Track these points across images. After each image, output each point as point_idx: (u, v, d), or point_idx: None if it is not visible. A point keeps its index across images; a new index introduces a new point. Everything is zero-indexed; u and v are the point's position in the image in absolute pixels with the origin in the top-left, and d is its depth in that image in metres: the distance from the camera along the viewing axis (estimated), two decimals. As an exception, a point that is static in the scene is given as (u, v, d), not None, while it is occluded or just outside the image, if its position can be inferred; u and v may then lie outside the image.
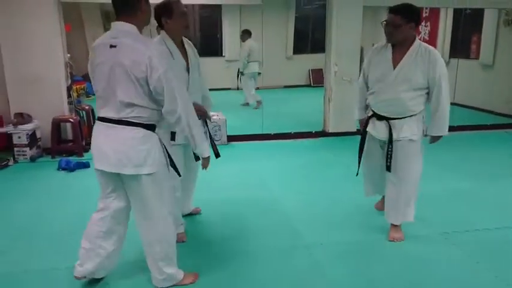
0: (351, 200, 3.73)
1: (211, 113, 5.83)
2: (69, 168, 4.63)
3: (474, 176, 4.47)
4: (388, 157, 2.96)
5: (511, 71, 7.35)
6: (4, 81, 5.02)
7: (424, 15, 9.25)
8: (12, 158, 4.88)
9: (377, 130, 3.00)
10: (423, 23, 9.27)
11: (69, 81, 5.47)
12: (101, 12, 9.66)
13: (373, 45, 3.04)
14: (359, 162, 3.21)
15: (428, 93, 2.89)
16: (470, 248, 2.96)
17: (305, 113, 7.37)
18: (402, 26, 2.79)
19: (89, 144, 5.41)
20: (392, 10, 2.83)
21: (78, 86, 6.66)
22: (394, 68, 2.85)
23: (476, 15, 7.97)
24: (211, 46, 10.92)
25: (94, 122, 5.79)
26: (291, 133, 6.12)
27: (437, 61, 2.80)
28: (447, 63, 8.73)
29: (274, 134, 6.05)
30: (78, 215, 3.47)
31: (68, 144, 5.28)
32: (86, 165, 4.72)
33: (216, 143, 5.63)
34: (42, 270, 2.69)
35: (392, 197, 3.05)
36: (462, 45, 8.39)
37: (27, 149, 4.91)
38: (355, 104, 3.26)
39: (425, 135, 3.01)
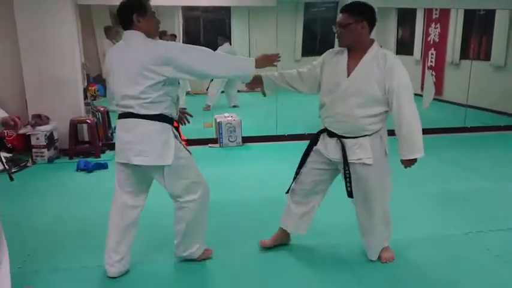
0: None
1: (225, 114, 5.91)
2: (87, 169, 4.65)
3: (494, 176, 4.47)
4: (347, 181, 2.55)
5: (523, 72, 7.34)
6: (22, 82, 5.06)
7: (434, 16, 9.25)
8: (30, 159, 4.90)
9: (328, 149, 2.57)
10: (433, 25, 9.28)
11: (86, 83, 5.51)
12: (111, 15, 9.71)
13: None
14: (294, 178, 2.77)
15: (387, 111, 2.46)
16: (497, 248, 2.95)
17: (317, 115, 7.34)
18: (351, 25, 2.40)
19: (105, 145, 5.45)
20: (341, 9, 2.47)
21: (91, 88, 6.69)
22: (348, 76, 2.46)
23: (488, 17, 7.97)
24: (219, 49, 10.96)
25: (109, 124, 5.90)
26: (304, 134, 6.11)
27: (395, 68, 2.36)
28: (458, 65, 8.75)
29: (288, 135, 6.05)
30: (101, 214, 3.49)
31: (85, 145, 5.31)
32: (104, 166, 4.74)
33: (232, 144, 5.76)
34: (72, 269, 2.71)
35: (365, 229, 2.74)
36: (473, 47, 8.39)
37: (45, 150, 4.93)
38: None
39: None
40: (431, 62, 9.34)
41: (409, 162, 2.47)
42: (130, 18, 2.36)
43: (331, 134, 2.56)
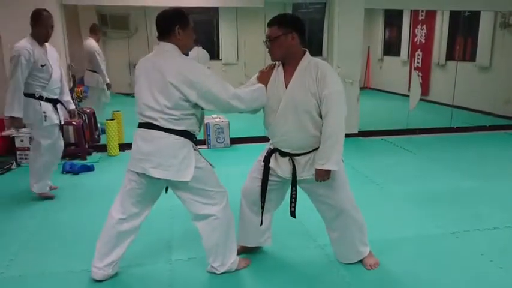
0: (358, 200, 3.74)
1: (213, 115, 5.89)
2: (73, 171, 4.59)
3: (479, 175, 4.53)
4: (292, 201, 2.55)
5: (508, 73, 7.45)
6: (6, 83, 4.95)
7: (420, 18, 9.35)
8: (14, 162, 4.82)
9: (281, 168, 2.52)
10: (419, 26, 9.37)
11: (71, 84, 5.44)
12: (98, 16, 9.61)
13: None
14: (262, 208, 2.66)
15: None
16: (483, 246, 2.98)
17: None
18: (280, 37, 2.36)
19: (91, 147, 5.38)
20: (269, 23, 2.41)
21: (77, 90, 6.63)
22: (286, 89, 2.42)
23: (473, 18, 8.08)
24: (208, 50, 10.91)
25: (96, 125, 5.83)
26: (292, 135, 6.12)
27: (327, 76, 2.32)
28: (444, 66, 8.86)
29: (277, 136, 6.05)
30: (87, 217, 3.46)
31: (71, 147, 5.24)
32: (90, 168, 4.69)
33: (220, 145, 5.75)
34: (57, 273, 2.66)
35: (340, 242, 2.70)
36: (458, 48, 8.49)
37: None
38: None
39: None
40: (417, 63, 9.44)
41: (322, 173, 2.38)
42: (172, 30, 2.33)
43: (283, 154, 2.51)
